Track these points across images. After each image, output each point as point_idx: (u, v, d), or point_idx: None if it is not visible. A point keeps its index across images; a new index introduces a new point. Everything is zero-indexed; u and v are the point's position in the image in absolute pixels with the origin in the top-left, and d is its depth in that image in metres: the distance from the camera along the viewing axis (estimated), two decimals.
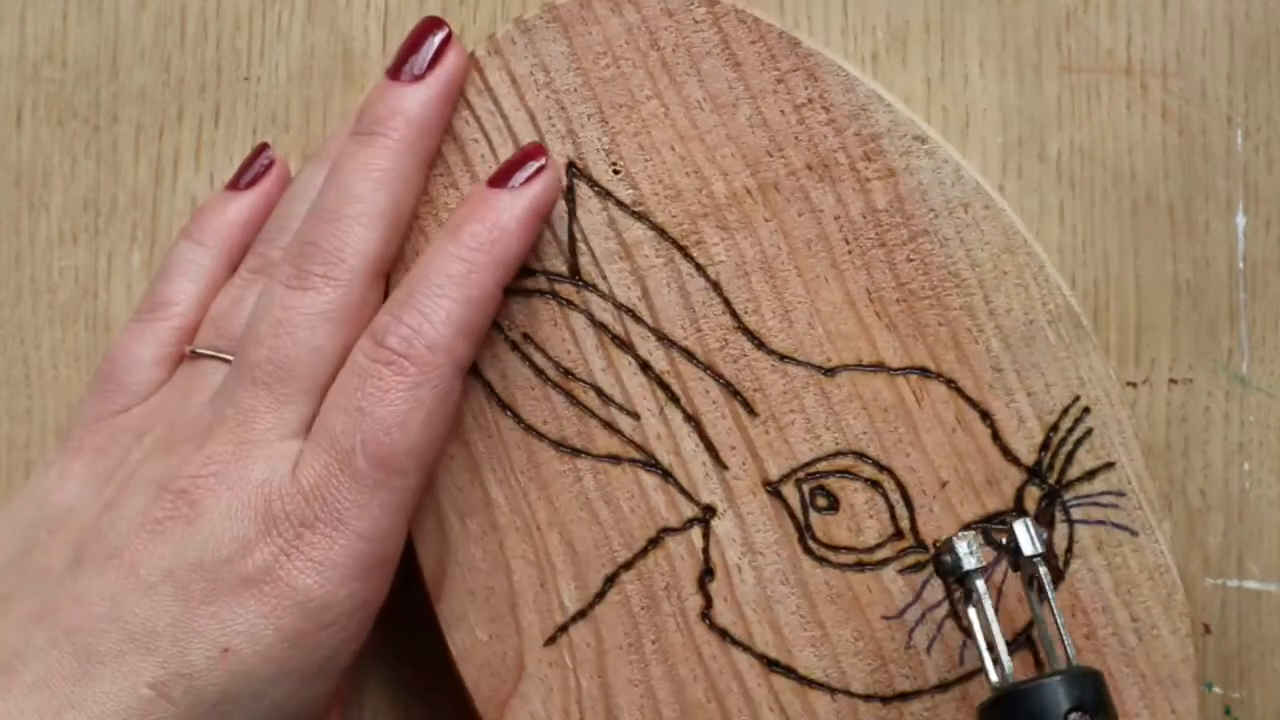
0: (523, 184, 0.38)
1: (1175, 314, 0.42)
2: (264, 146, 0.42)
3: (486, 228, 0.37)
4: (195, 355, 0.39)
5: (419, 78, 0.39)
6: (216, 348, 0.39)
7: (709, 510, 0.39)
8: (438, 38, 0.39)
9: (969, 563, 0.37)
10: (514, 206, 0.38)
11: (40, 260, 0.43)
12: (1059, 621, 0.36)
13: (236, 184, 0.42)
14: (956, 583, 0.37)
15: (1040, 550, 0.37)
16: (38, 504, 0.39)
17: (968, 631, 0.39)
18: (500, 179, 0.38)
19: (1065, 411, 0.39)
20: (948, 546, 0.37)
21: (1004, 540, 0.38)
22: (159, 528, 0.36)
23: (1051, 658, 0.37)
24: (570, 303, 0.40)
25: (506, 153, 0.39)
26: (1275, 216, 0.42)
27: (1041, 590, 0.37)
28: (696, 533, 0.39)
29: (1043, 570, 0.37)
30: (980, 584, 0.36)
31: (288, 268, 0.38)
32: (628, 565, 0.39)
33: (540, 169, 0.38)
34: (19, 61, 0.43)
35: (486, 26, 0.43)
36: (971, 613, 0.37)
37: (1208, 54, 0.42)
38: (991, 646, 0.36)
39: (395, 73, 0.39)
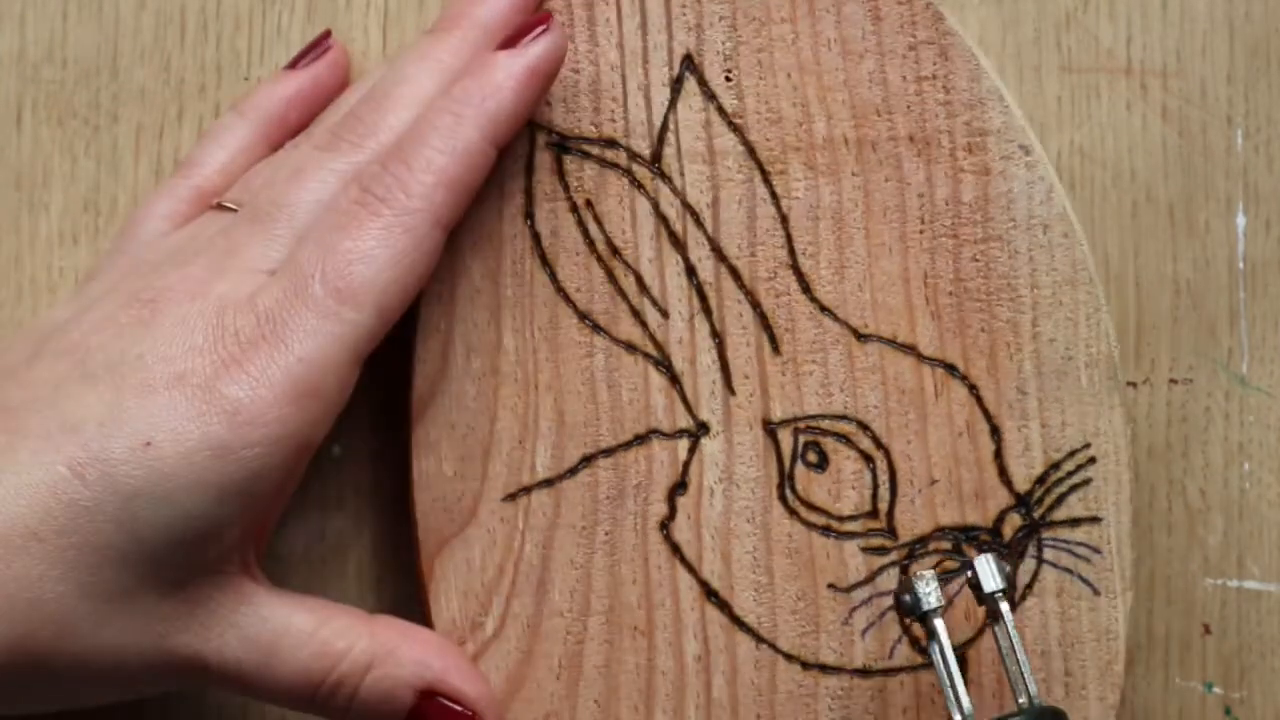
0: (525, 45, 0.38)
1: (1175, 314, 0.42)
2: (327, 33, 0.42)
3: (479, 83, 0.38)
4: (218, 207, 0.40)
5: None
6: (238, 201, 0.40)
7: (703, 427, 0.39)
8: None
9: (929, 602, 0.36)
10: (510, 65, 0.38)
11: (40, 260, 0.43)
12: (1021, 658, 0.36)
13: (293, 65, 0.42)
14: (917, 620, 0.37)
15: (1000, 586, 0.37)
16: (30, 325, 0.40)
17: (907, 632, 0.39)
18: (506, 45, 0.38)
19: (1072, 454, 0.39)
20: (907, 585, 0.36)
21: (969, 574, 0.38)
22: (117, 328, 0.36)
23: (1016, 693, 0.37)
24: (641, 186, 0.40)
25: (633, 24, 0.40)
26: (1275, 216, 0.42)
27: (1002, 622, 0.37)
28: (683, 444, 0.40)
29: (1004, 606, 0.37)
30: (940, 623, 0.36)
31: (322, 131, 0.39)
32: (608, 452, 0.40)
33: (543, 32, 0.38)
34: (19, 61, 0.43)
35: None
36: (935, 649, 0.36)
37: (1208, 54, 0.42)
38: (953, 684, 0.36)
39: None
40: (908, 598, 0.36)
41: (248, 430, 0.35)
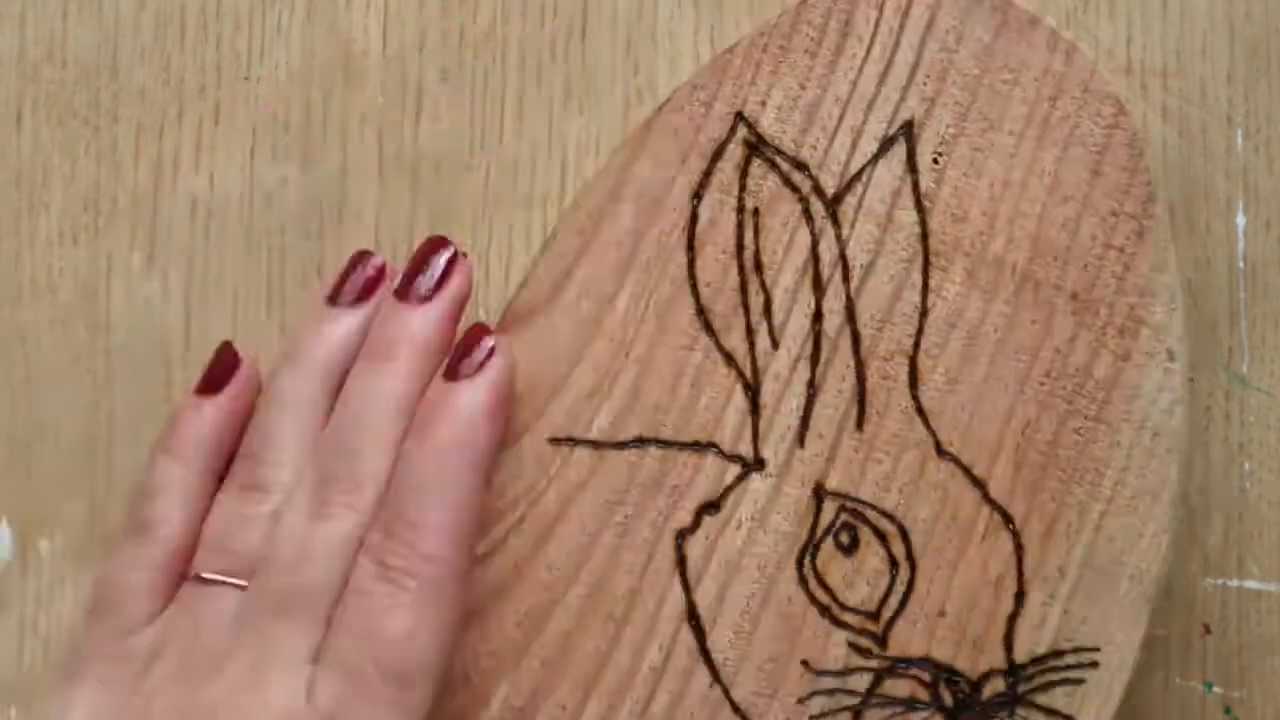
0: (478, 371, 0.39)
1: None
2: (228, 348, 0.42)
3: (453, 429, 0.38)
4: (203, 580, 0.39)
5: (425, 299, 0.39)
6: (225, 571, 0.39)
7: (760, 463, 0.39)
8: (443, 258, 0.40)
9: None
10: (476, 399, 0.38)
11: (40, 260, 0.43)
12: None
13: (206, 388, 0.41)
14: None
15: None
16: None
17: None
18: (457, 372, 0.39)
19: (1079, 650, 0.39)
20: None
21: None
22: None
23: None
24: (811, 220, 0.40)
25: (875, 70, 0.39)
26: (1275, 216, 0.42)
27: None
28: (734, 470, 0.39)
29: None
30: None
31: (304, 499, 0.39)
32: (663, 444, 0.39)
33: (491, 352, 0.39)
34: (19, 61, 0.43)
35: (485, 28, 0.43)
36: None
37: (1208, 54, 0.42)
38: None
39: (403, 294, 0.40)
40: None
41: None
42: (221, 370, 0.41)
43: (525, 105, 0.43)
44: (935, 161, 0.40)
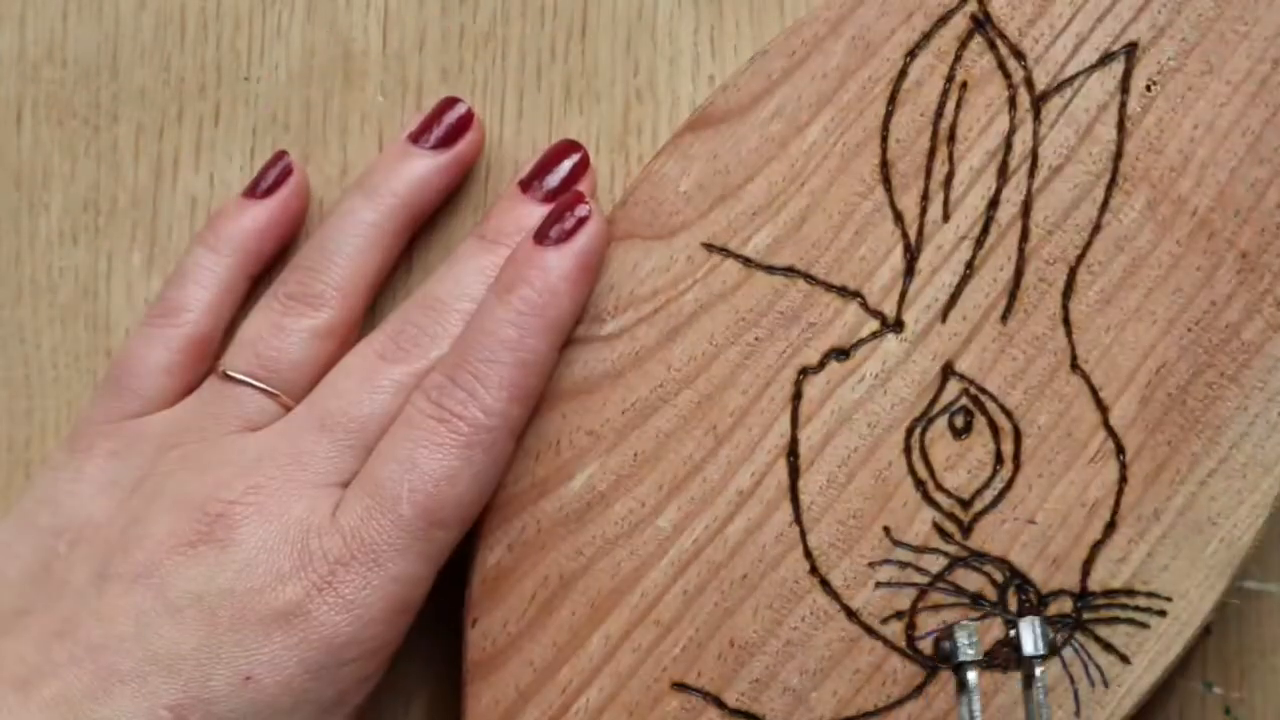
0: (568, 237, 0.38)
1: None
2: (282, 154, 0.42)
3: (536, 290, 0.38)
4: (228, 378, 0.39)
5: (548, 199, 0.40)
6: (255, 376, 0.39)
7: (899, 325, 0.39)
8: (572, 161, 0.40)
9: (965, 654, 0.36)
10: (562, 265, 0.38)
11: (40, 260, 0.43)
12: None
13: (254, 191, 0.42)
14: (952, 670, 0.36)
15: (1041, 653, 0.36)
16: (51, 509, 0.39)
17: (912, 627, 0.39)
18: (548, 236, 0.39)
19: (1152, 596, 0.39)
20: (948, 634, 0.36)
21: (1011, 633, 0.37)
22: (191, 550, 0.36)
23: None
24: (1015, 108, 0.40)
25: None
26: None
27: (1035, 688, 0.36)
28: (872, 324, 0.40)
29: (1039, 671, 0.36)
30: (972, 676, 0.36)
31: (386, 341, 0.39)
32: (812, 279, 0.40)
33: (585, 219, 0.39)
34: (19, 61, 0.43)
35: (485, 28, 0.43)
36: (964, 703, 0.36)
37: None
38: None
39: (528, 186, 0.40)
40: (946, 644, 0.36)
41: (345, 650, 0.36)
42: (271, 176, 0.41)
43: (525, 105, 0.43)
44: (1148, 89, 0.40)
